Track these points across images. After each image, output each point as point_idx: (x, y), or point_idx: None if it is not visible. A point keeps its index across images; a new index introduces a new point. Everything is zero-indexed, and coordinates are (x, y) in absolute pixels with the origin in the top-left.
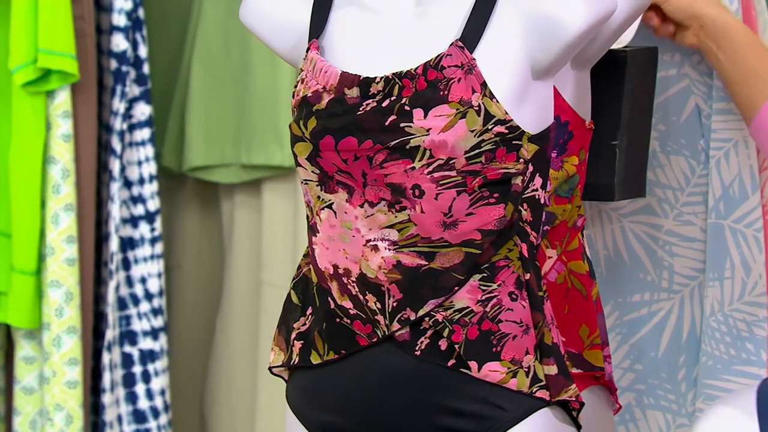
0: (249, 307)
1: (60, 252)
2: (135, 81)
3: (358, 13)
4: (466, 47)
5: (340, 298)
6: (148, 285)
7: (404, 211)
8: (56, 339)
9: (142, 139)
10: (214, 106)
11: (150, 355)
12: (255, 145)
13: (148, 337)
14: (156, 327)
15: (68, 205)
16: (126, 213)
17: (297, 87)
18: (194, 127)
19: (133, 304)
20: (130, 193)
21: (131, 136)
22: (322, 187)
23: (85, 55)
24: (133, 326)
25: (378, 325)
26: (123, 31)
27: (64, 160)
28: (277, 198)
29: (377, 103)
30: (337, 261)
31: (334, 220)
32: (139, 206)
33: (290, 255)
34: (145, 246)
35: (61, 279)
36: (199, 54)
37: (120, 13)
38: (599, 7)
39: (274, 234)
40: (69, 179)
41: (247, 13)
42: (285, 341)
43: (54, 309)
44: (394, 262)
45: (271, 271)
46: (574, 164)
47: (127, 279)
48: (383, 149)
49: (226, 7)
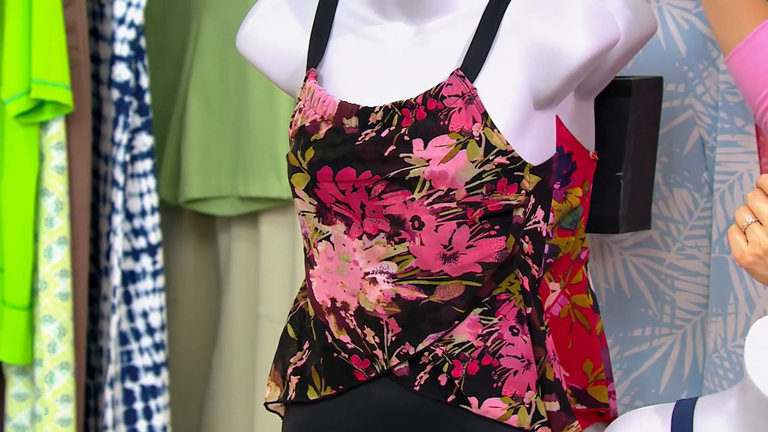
0: (246, 343)
1: (53, 286)
2: (137, 111)
3: (357, 42)
4: (466, 76)
5: (337, 332)
6: (150, 319)
7: (403, 243)
8: (49, 375)
9: (143, 170)
10: (210, 137)
11: (152, 390)
12: (252, 177)
13: (149, 372)
14: (158, 362)
15: (62, 239)
16: (127, 246)
17: (294, 117)
18: (191, 159)
19: (134, 339)
20: (131, 226)
21: (133, 167)
22: (320, 218)
23: (80, 85)
24: (134, 361)
25: (376, 359)
26: (126, 60)
27: (57, 192)
28: (275, 231)
29: (376, 133)
30: (335, 294)
31: (332, 252)
32: (140, 239)
33: (288, 289)
34: (147, 279)
35: (53, 314)
36: (196, 84)
37: (123, 42)
38: (602, 36)
39: (271, 267)
40: (63, 212)
41: (244, 41)
42: (281, 376)
43: (47, 344)
44: (393, 296)
45: (269, 305)
46: (578, 196)
47: (129, 313)
48: (382, 180)
49: (222, 36)
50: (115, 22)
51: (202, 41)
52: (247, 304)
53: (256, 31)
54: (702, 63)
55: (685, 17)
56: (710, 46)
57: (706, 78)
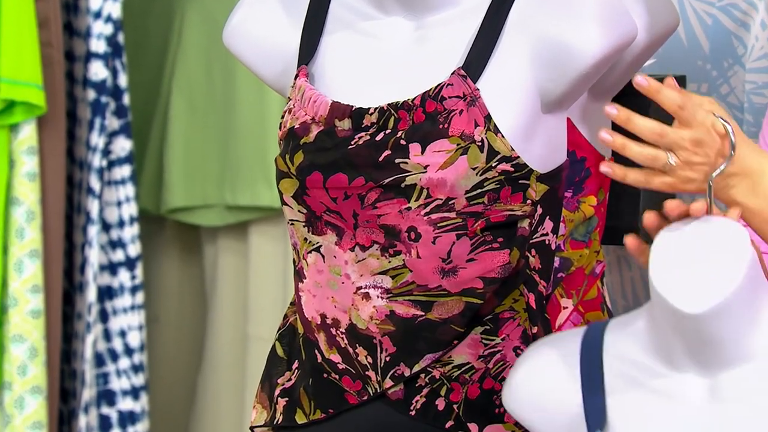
0: (234, 364)
1: (24, 303)
2: (114, 113)
3: (352, 38)
4: (468, 76)
5: (327, 351)
6: (128, 339)
7: (399, 256)
8: (19, 400)
9: (121, 177)
10: (195, 141)
11: (130, 417)
12: (241, 184)
13: (128, 396)
14: (137, 386)
15: (33, 252)
16: (104, 259)
17: (284, 118)
18: (174, 164)
19: (111, 360)
20: (108, 237)
21: (110, 174)
22: (310, 228)
23: (53, 85)
24: (111, 385)
25: (369, 381)
26: (102, 58)
27: (28, 201)
28: (266, 242)
29: (370, 136)
30: (325, 310)
31: (322, 265)
32: (118, 251)
33: (280, 306)
34: (125, 295)
35: (24, 333)
36: (179, 83)
37: (99, 38)
38: (617, 33)
39: (262, 282)
40: (34, 222)
41: (232, 36)
42: (268, 398)
43: (16, 367)
44: (387, 312)
45: (259, 323)
46: (592, 205)
47: (105, 332)
48: (376, 187)
49: (208, 31)
50: (91, 16)
51: (185, 37)
52: (236, 322)
53: (245, 24)
54: (726, 61)
55: (708, 11)
56: (735, 43)
57: (731, 77)
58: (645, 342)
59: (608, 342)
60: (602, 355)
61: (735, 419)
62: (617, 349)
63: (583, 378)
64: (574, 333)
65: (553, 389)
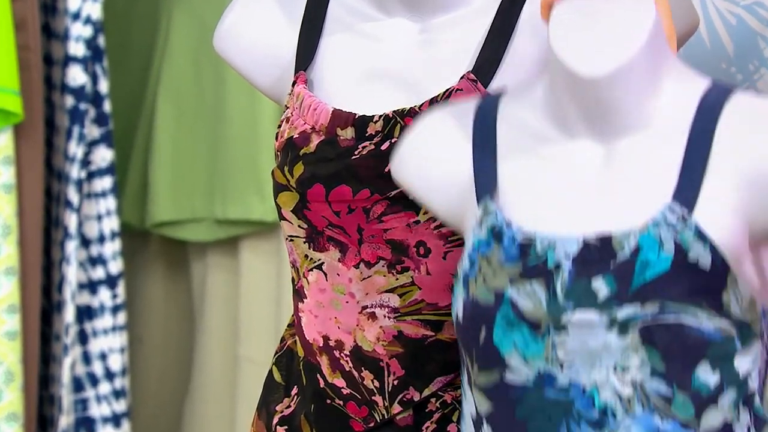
0: (224, 389)
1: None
2: (95, 121)
3: (353, 41)
4: (479, 80)
5: (330, 375)
6: (109, 362)
7: (407, 273)
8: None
9: (102, 189)
10: (182, 150)
11: None
12: (231, 197)
13: (108, 424)
14: (118, 412)
15: (9, 269)
16: (83, 277)
17: (281, 127)
18: (159, 175)
19: (90, 385)
20: (88, 254)
21: (90, 185)
22: (311, 244)
23: (31, 90)
24: (90, 411)
25: (376, 407)
26: (81, 62)
27: (4, 214)
28: (258, 259)
29: (375, 146)
30: (328, 331)
31: (325, 284)
32: (98, 269)
33: (273, 326)
34: (106, 316)
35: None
36: (166, 89)
37: (78, 41)
38: None
39: (254, 302)
40: (10, 237)
41: (223, 40)
42: (265, 426)
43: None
44: (394, 333)
45: (251, 345)
46: None
47: (84, 355)
48: (382, 200)
49: (196, 33)
50: (69, 17)
51: (173, 39)
52: (226, 344)
53: (237, 28)
54: (752, 63)
55: (732, 11)
56: (762, 44)
57: (758, 80)
58: (541, 109)
59: (503, 110)
60: (496, 123)
61: (628, 186)
62: (513, 116)
63: (475, 144)
64: (470, 103)
65: (443, 158)
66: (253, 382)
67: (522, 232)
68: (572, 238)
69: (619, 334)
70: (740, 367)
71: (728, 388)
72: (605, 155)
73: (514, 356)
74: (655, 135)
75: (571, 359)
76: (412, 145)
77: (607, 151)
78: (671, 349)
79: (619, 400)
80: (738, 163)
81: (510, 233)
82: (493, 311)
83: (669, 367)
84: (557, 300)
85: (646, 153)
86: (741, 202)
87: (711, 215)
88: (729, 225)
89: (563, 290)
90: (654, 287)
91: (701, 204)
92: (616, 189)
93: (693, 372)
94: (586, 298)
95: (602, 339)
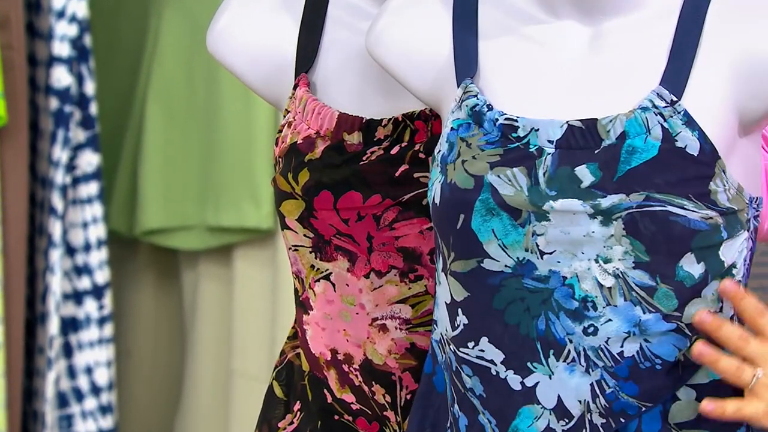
0: (217, 404)
1: None
2: (80, 124)
3: (355, 40)
4: None
5: (339, 390)
6: (95, 376)
7: (420, 282)
8: None
9: (88, 195)
10: (173, 154)
11: None
12: (224, 203)
13: None
14: (104, 429)
15: None
16: (68, 287)
17: (282, 132)
18: (149, 181)
19: (76, 401)
20: (73, 263)
21: (75, 191)
22: (317, 254)
23: (15, 92)
24: (75, 428)
25: (387, 422)
26: (66, 62)
27: None
28: (252, 268)
29: (384, 150)
30: (336, 344)
31: (333, 295)
32: (84, 278)
33: (267, 338)
34: (92, 328)
35: None
36: (156, 90)
37: (62, 40)
38: None
39: (247, 313)
40: None
41: (216, 40)
42: None
43: None
44: (407, 345)
45: (245, 358)
46: None
47: (69, 369)
48: (393, 206)
49: (188, 32)
50: (54, 16)
51: (163, 39)
52: (218, 357)
53: (232, 27)
54: None
55: None
56: None
57: None
58: None
59: None
60: (478, 2)
61: (615, 69)
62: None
63: (455, 23)
64: None
65: (422, 37)
66: (247, 397)
67: (504, 115)
68: (556, 123)
69: (603, 223)
70: (726, 257)
71: (713, 279)
72: (592, 37)
73: (492, 244)
74: (644, 17)
75: (552, 248)
76: (389, 19)
77: (594, 33)
78: (656, 239)
79: (600, 291)
80: (728, 48)
81: (491, 116)
82: (473, 197)
83: (653, 257)
84: (539, 187)
85: (635, 36)
86: (731, 88)
87: (700, 102)
88: (719, 112)
89: (545, 177)
90: (640, 174)
91: (690, 90)
92: (602, 72)
93: (677, 263)
94: (569, 186)
95: (585, 228)
